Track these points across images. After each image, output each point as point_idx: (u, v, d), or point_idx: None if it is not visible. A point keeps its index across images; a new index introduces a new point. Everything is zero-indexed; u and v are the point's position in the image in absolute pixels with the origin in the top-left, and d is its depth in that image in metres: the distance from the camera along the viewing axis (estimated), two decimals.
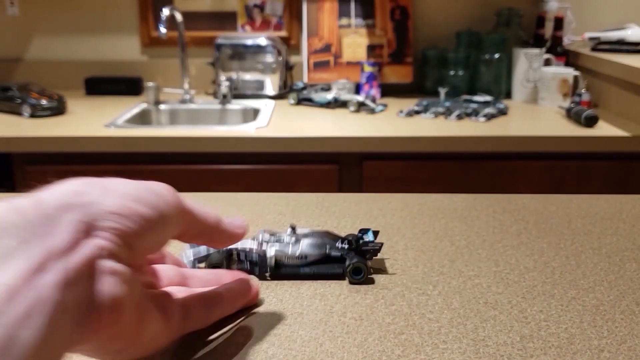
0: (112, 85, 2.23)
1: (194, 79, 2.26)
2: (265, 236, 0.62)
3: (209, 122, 2.11)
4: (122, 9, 2.29)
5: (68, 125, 1.81)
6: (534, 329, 0.49)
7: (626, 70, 1.80)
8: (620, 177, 1.74)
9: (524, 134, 1.72)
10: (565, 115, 1.90)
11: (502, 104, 1.99)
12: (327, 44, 2.23)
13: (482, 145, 1.70)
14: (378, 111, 1.97)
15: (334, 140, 1.70)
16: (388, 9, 2.23)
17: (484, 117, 1.87)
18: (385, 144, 1.70)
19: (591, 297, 0.54)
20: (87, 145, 1.71)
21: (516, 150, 1.72)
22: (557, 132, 1.73)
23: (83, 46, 2.31)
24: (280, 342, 0.48)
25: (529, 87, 2.14)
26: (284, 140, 1.71)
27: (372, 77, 2.12)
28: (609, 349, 0.46)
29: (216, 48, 2.16)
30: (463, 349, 0.46)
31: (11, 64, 2.31)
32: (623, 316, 0.51)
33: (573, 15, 2.24)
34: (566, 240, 0.67)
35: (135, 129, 1.81)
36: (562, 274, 0.58)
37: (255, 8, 2.29)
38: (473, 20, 2.28)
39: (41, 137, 1.70)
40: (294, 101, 2.09)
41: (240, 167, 1.73)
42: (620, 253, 0.64)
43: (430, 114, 1.91)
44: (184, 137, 1.71)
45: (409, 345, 0.46)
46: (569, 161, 1.73)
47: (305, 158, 1.73)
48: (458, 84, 2.17)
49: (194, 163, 1.73)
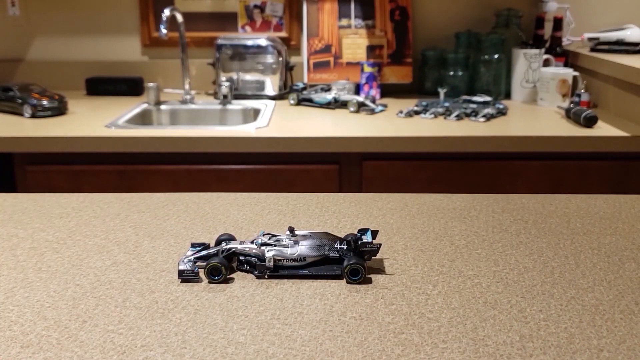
0: (113, 85, 2.24)
1: (195, 79, 2.26)
2: (264, 238, 0.64)
3: (210, 122, 2.11)
4: (123, 9, 2.29)
5: (69, 125, 1.81)
6: (533, 329, 0.49)
7: (625, 71, 1.80)
8: (619, 177, 1.74)
9: (523, 134, 1.72)
10: (564, 115, 1.90)
11: (501, 105, 1.99)
12: (327, 44, 2.24)
13: (481, 146, 1.70)
14: (378, 111, 1.97)
15: (334, 141, 1.71)
16: (388, 9, 2.23)
17: (483, 117, 1.87)
18: (385, 144, 1.71)
19: (590, 297, 0.54)
20: (87, 145, 1.71)
21: (515, 151, 1.72)
22: (556, 133, 1.73)
23: (84, 47, 2.31)
24: (281, 342, 0.48)
25: (528, 87, 2.14)
26: (284, 140, 1.71)
27: (371, 78, 2.12)
28: (609, 349, 0.46)
29: (217, 48, 2.16)
30: (463, 348, 0.46)
31: (12, 65, 2.31)
32: (622, 316, 0.51)
33: (572, 16, 2.24)
34: (565, 240, 0.67)
35: (135, 129, 1.81)
36: (561, 273, 0.58)
37: (255, 9, 2.30)
38: (472, 21, 2.29)
39: (42, 138, 1.71)
40: (294, 101, 2.09)
41: (240, 167, 1.74)
42: (619, 253, 0.64)
43: (429, 114, 1.91)
44: (184, 138, 1.71)
45: (409, 345, 0.46)
46: (568, 161, 1.74)
47: (305, 158, 1.73)
48: (457, 84, 2.17)
49: (195, 163, 1.74)
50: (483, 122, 1.85)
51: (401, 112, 1.93)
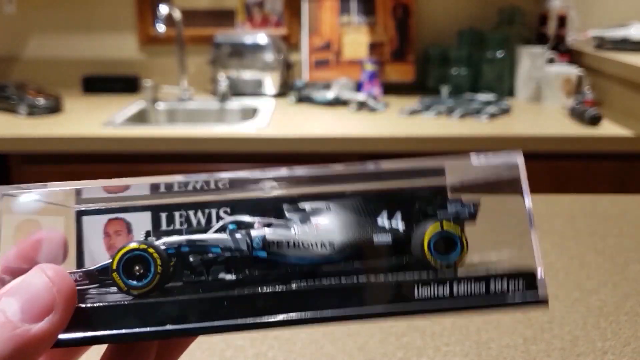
0: (109, 83, 2.22)
1: (193, 77, 2.25)
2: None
3: (208, 121, 2.09)
4: (120, 6, 2.27)
5: (65, 124, 1.80)
6: (537, 331, 0.48)
7: (630, 69, 1.79)
8: (624, 177, 1.72)
9: (527, 133, 1.70)
10: (568, 114, 1.88)
11: (505, 103, 1.97)
12: (327, 42, 2.22)
13: (484, 145, 1.68)
14: (379, 110, 1.95)
15: (335, 140, 1.69)
16: (390, 6, 2.21)
17: (486, 115, 1.85)
18: (387, 143, 1.69)
19: (595, 299, 0.53)
20: (84, 144, 1.69)
21: (519, 150, 1.70)
22: (561, 131, 1.72)
23: (80, 44, 2.30)
24: (280, 345, 0.47)
25: (532, 85, 2.12)
26: (284, 140, 1.69)
27: (373, 76, 2.10)
28: (613, 351, 0.45)
29: (215, 46, 2.15)
30: (465, 351, 0.45)
31: (8, 63, 2.30)
32: (627, 318, 0.50)
33: (576, 13, 2.22)
34: (570, 241, 0.65)
35: (133, 127, 1.79)
36: (566, 275, 0.57)
37: (254, 5, 2.28)
38: (475, 18, 2.27)
39: (38, 137, 1.69)
40: (294, 100, 2.07)
41: (239, 166, 1.72)
42: (624, 254, 0.63)
43: (432, 112, 1.89)
44: (182, 136, 1.70)
45: (411, 348, 0.45)
46: (573, 160, 1.72)
47: (306, 158, 1.71)
48: (460, 82, 2.15)
49: (193, 162, 1.72)
50: (486, 120, 1.83)
51: (403, 110, 1.91)
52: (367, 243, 0.30)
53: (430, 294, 0.27)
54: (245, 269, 0.29)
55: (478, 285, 0.27)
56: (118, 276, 0.28)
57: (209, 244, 0.30)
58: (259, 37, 2.16)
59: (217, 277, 0.29)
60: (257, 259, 0.29)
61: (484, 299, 0.27)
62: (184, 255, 0.29)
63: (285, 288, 0.28)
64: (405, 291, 0.28)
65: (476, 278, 0.27)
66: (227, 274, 0.29)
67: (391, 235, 0.30)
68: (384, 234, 0.30)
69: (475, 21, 2.26)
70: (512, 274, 0.27)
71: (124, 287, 0.28)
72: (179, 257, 0.29)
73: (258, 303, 0.27)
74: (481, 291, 0.27)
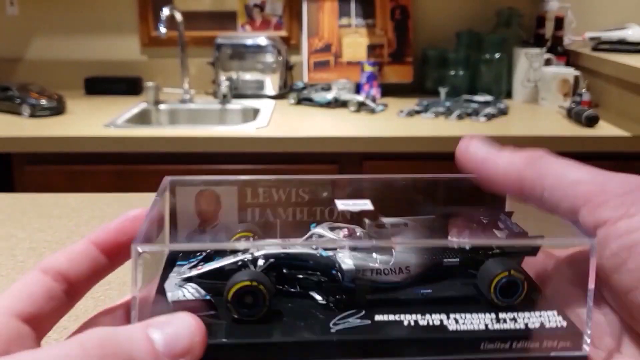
0: (111, 85, 2.23)
1: (194, 78, 2.26)
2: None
3: (209, 122, 2.10)
4: (122, 8, 2.28)
5: (68, 125, 1.81)
6: None
7: (627, 70, 1.80)
8: None
9: (524, 133, 1.71)
10: (565, 115, 1.89)
11: (502, 104, 1.98)
12: (327, 43, 2.23)
13: None
14: (378, 111, 1.97)
15: (334, 140, 1.70)
16: (388, 8, 2.23)
17: (484, 117, 1.86)
18: (386, 144, 1.70)
19: None
20: (86, 145, 1.70)
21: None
22: (558, 132, 1.73)
23: (83, 46, 2.31)
24: None
25: (530, 87, 2.13)
26: (284, 140, 1.70)
27: (372, 77, 2.12)
28: None
29: (216, 48, 2.16)
30: None
31: (11, 64, 2.30)
32: None
33: (573, 15, 2.23)
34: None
35: (135, 128, 1.80)
36: None
37: (255, 8, 2.29)
38: (473, 20, 2.28)
39: (41, 137, 1.70)
40: (294, 101, 2.08)
41: (240, 167, 1.73)
42: None
43: (430, 113, 1.91)
44: (183, 137, 1.71)
45: None
46: None
47: (305, 158, 1.73)
48: (458, 83, 2.16)
49: (194, 163, 1.73)
50: (484, 121, 1.85)
51: (402, 111, 1.92)
52: (437, 265, 0.31)
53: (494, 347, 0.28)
54: (335, 295, 0.30)
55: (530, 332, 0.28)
56: (230, 307, 0.28)
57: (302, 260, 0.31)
58: (259, 39, 2.17)
59: (308, 294, 0.30)
60: (346, 288, 0.30)
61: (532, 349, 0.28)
62: (278, 267, 0.30)
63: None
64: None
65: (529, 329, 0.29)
66: (317, 294, 0.30)
67: (457, 257, 0.31)
68: (452, 254, 0.32)
69: (473, 23, 2.27)
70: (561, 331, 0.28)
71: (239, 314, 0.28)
72: (274, 269, 0.30)
73: None
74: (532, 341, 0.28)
